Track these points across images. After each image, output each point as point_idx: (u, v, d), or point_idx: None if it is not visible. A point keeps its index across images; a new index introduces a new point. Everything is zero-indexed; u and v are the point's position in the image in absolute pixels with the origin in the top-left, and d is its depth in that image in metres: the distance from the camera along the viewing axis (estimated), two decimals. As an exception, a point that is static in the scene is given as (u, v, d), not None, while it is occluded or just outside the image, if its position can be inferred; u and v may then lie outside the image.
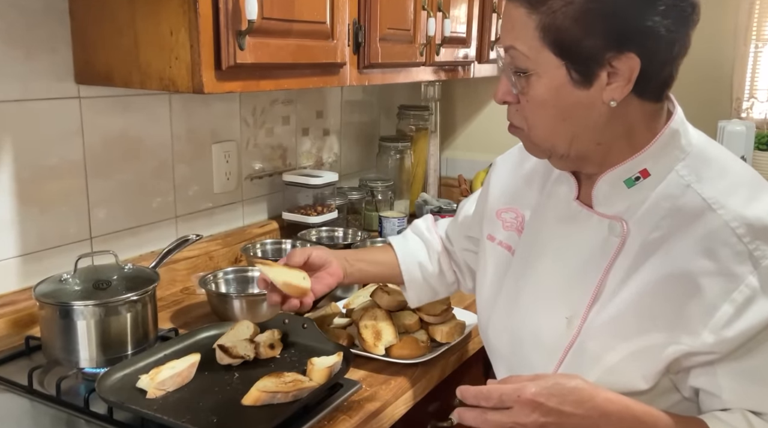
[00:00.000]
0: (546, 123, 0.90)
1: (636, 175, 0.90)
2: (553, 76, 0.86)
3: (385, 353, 1.26)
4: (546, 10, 0.83)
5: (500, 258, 1.09)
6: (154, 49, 1.26)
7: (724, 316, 0.82)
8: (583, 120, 0.88)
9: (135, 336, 1.21)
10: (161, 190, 1.66)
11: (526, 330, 1.00)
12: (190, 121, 1.71)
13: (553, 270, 0.98)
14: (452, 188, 2.54)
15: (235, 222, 1.88)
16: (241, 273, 1.56)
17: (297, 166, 2.07)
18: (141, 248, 1.63)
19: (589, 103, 0.86)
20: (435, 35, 1.83)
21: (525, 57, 0.87)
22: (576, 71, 0.85)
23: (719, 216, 0.84)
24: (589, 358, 0.91)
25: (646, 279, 0.87)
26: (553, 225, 1.00)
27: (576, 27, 0.82)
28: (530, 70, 0.87)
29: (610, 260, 0.91)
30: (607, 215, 0.93)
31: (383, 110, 2.45)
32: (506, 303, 1.05)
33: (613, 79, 0.84)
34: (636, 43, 0.82)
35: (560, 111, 0.88)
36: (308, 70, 1.47)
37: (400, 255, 1.28)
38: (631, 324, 0.88)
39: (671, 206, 0.88)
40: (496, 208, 1.12)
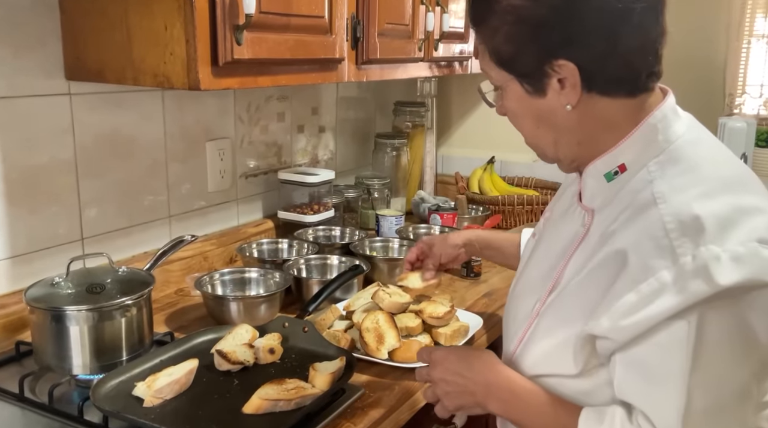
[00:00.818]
0: (528, 131, 0.96)
1: (615, 170, 0.92)
2: (512, 89, 0.92)
3: (388, 357, 1.22)
4: (487, 35, 0.91)
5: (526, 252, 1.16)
6: (148, 44, 1.22)
7: (624, 305, 0.82)
8: (555, 124, 0.92)
9: (130, 342, 1.17)
10: (154, 189, 1.62)
11: (510, 313, 1.07)
12: (184, 118, 1.67)
13: (539, 257, 1.04)
14: (448, 185, 2.51)
15: (229, 222, 1.84)
16: (237, 274, 1.53)
17: (292, 164, 2.03)
18: (134, 249, 1.58)
19: (551, 109, 0.91)
20: (434, 30, 1.80)
21: (491, 77, 0.95)
22: (527, 83, 0.90)
23: (658, 210, 0.84)
24: (536, 340, 0.96)
25: (590, 268, 0.90)
26: (556, 220, 1.06)
27: (509, 46, 0.89)
28: (499, 86, 0.94)
29: (573, 248, 0.95)
30: (584, 207, 0.97)
31: (379, 107, 2.41)
32: (513, 286, 1.12)
33: (564, 84, 0.88)
34: (564, 52, 0.86)
35: (532, 120, 0.93)
36: (306, 66, 1.44)
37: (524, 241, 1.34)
38: (569, 309, 0.91)
39: (630, 200, 0.89)
40: (546, 213, 1.16)
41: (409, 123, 2.32)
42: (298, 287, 1.50)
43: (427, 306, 1.32)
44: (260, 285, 1.51)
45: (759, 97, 3.72)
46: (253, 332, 1.23)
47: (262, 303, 1.39)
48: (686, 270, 0.78)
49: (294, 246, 1.73)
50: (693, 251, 0.79)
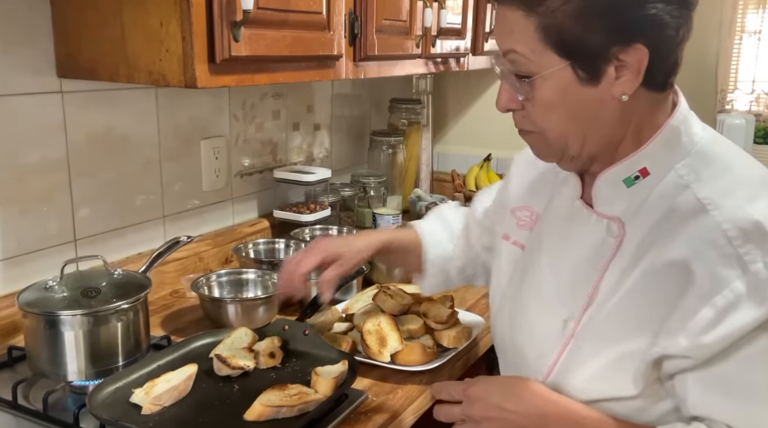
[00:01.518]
0: (557, 125, 0.86)
1: (635, 174, 0.87)
2: (559, 76, 0.82)
3: (391, 360, 1.20)
4: (544, 10, 0.80)
5: (513, 257, 1.06)
6: (143, 41, 1.19)
7: (702, 320, 0.78)
8: (594, 118, 0.85)
9: (126, 347, 1.14)
10: (148, 188, 1.59)
11: (524, 329, 0.98)
12: (178, 116, 1.63)
13: (551, 270, 0.96)
14: (444, 183, 2.49)
15: (224, 221, 1.81)
16: (234, 275, 1.50)
17: (287, 162, 2.00)
18: (128, 250, 1.55)
19: (598, 100, 0.83)
20: (431, 27, 1.78)
21: (527, 60, 0.83)
22: (582, 69, 0.81)
23: (712, 218, 0.80)
24: (580, 361, 0.89)
25: (636, 280, 0.84)
26: (555, 224, 0.98)
27: (577, 25, 0.79)
28: (534, 73, 0.83)
29: (605, 261, 0.88)
30: (606, 215, 0.90)
31: (374, 104, 2.39)
32: (510, 301, 1.03)
33: (621, 73, 0.81)
34: (641, 34, 0.79)
35: (570, 111, 0.85)
36: (304, 63, 1.41)
37: (426, 241, 1.23)
38: (618, 327, 0.85)
39: (668, 207, 0.84)
40: (511, 206, 1.09)
41: (405, 120, 2.30)
42: (297, 288, 1.47)
43: (430, 309, 1.30)
44: (258, 286, 1.48)
45: (751, 93, 3.72)
46: (252, 335, 1.20)
47: (260, 305, 1.36)
48: (761, 278, 0.76)
49: (291, 247, 1.70)
50: (763, 258, 0.76)
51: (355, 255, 1.14)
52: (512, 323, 1.01)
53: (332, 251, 1.13)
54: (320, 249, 1.14)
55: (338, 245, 1.15)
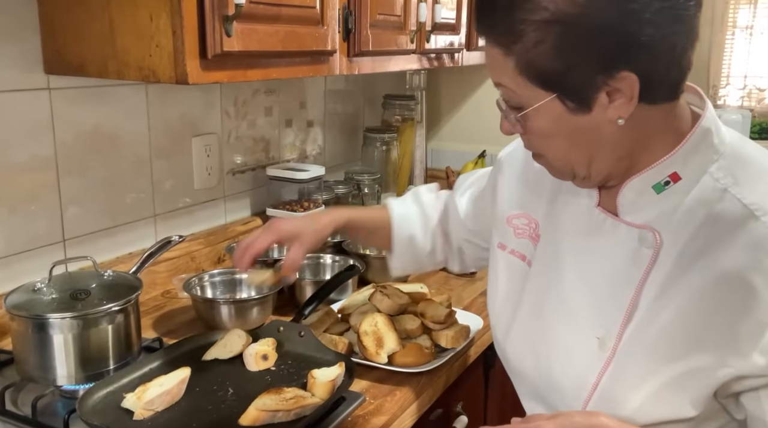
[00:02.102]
0: (557, 152, 0.85)
1: (665, 180, 0.83)
2: (548, 108, 0.80)
3: (388, 361, 1.18)
4: (520, 49, 0.77)
5: (514, 269, 1.01)
6: (132, 35, 1.16)
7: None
8: (595, 142, 0.82)
9: (117, 350, 1.11)
10: (138, 187, 1.55)
11: (553, 352, 0.92)
12: (169, 113, 1.60)
13: (579, 286, 0.90)
14: (438, 180, 2.46)
15: (217, 220, 1.78)
16: (227, 275, 1.47)
17: (280, 160, 1.97)
18: (118, 250, 1.52)
19: (594, 126, 0.80)
20: (426, 22, 1.75)
21: (514, 93, 0.82)
22: (570, 100, 0.79)
23: (764, 224, 0.77)
24: (629, 384, 0.83)
25: (687, 294, 0.80)
26: (574, 237, 0.92)
27: (556, 62, 0.76)
28: (524, 105, 0.81)
29: (643, 274, 0.83)
30: (636, 224, 0.85)
31: (367, 100, 2.36)
32: (528, 322, 0.97)
33: (615, 97, 0.77)
34: (626, 62, 0.75)
35: (567, 139, 0.82)
36: (297, 59, 1.38)
37: (396, 223, 1.20)
38: (675, 345, 0.80)
39: (708, 213, 0.80)
40: (506, 214, 1.04)
41: (398, 116, 2.27)
42: (291, 288, 1.45)
43: (427, 308, 1.28)
44: (251, 286, 1.45)
45: (743, 88, 3.72)
46: (246, 337, 1.18)
47: (254, 306, 1.33)
48: None
49: (285, 246, 1.67)
50: None
51: (313, 234, 1.11)
52: (535, 346, 0.95)
53: (289, 231, 1.11)
54: (275, 230, 1.11)
55: (295, 225, 1.12)
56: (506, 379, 1.64)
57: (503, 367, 1.59)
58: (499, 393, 1.61)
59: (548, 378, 0.93)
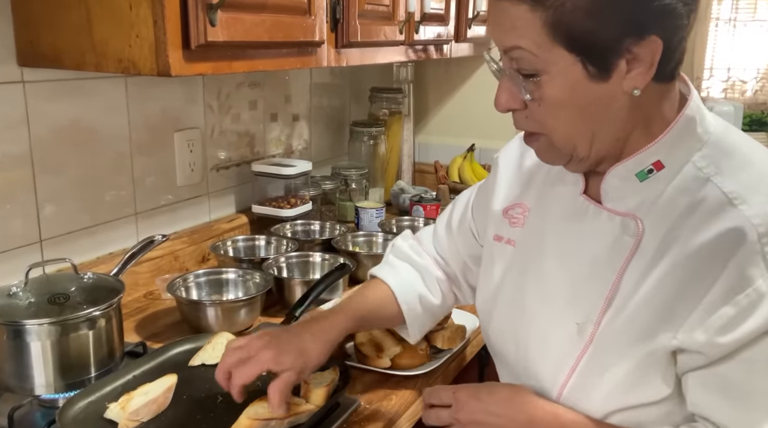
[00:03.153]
0: (565, 125, 0.81)
1: (649, 168, 0.82)
2: (568, 73, 0.77)
3: (391, 365, 1.13)
4: (553, 3, 0.74)
5: (505, 256, 0.99)
6: (111, 25, 1.10)
7: (722, 318, 0.75)
8: (604, 115, 0.79)
9: (98, 356, 1.06)
10: (119, 184, 1.49)
11: (532, 336, 0.92)
12: (149, 107, 1.54)
13: (559, 272, 0.89)
14: (426, 174, 2.43)
15: (200, 218, 1.73)
16: (213, 275, 1.41)
17: (266, 155, 1.92)
18: (98, 250, 1.46)
19: (609, 96, 0.78)
20: (414, 12, 1.71)
21: (533, 57, 0.77)
22: (593, 65, 0.76)
23: (740, 213, 0.76)
24: (604, 367, 0.83)
25: (662, 278, 0.80)
26: (558, 223, 0.91)
27: (589, 19, 0.73)
28: (540, 70, 0.77)
29: (624, 261, 0.83)
30: (619, 212, 0.84)
31: (353, 93, 2.31)
32: (509, 305, 0.96)
33: (633, 66, 0.76)
34: (657, 25, 0.74)
35: (578, 109, 0.79)
36: (284, 50, 1.33)
37: (399, 295, 1.09)
38: (645, 326, 0.81)
39: (689, 201, 0.80)
40: (503, 206, 1.02)
41: (385, 110, 2.22)
42: (280, 288, 1.40)
43: (422, 308, 1.23)
44: (239, 287, 1.40)
45: (726, 81, 3.72)
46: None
47: (242, 307, 1.28)
48: None
49: (272, 244, 1.63)
50: None
51: (312, 367, 0.95)
52: (515, 330, 0.94)
53: (286, 365, 0.91)
54: (267, 361, 0.91)
55: (293, 356, 0.92)
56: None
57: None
58: (494, 392, 1.57)
59: (525, 362, 0.93)
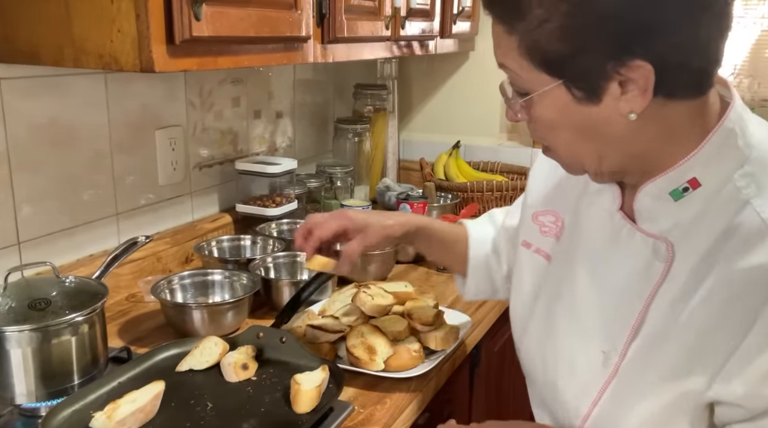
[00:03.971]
0: (564, 144, 0.78)
1: (684, 186, 0.75)
2: (553, 96, 0.73)
3: (384, 367, 1.11)
4: (525, 27, 0.71)
5: (538, 268, 0.95)
6: (91, 19, 1.06)
7: (762, 366, 0.69)
8: (604, 137, 0.74)
9: (82, 363, 1.02)
10: (99, 183, 1.45)
11: (559, 360, 0.88)
12: (130, 104, 1.50)
13: (590, 295, 0.85)
14: (411, 172, 2.41)
15: (183, 218, 1.69)
16: (198, 277, 1.38)
17: (249, 153, 1.88)
18: (78, 252, 1.42)
19: (604, 118, 0.72)
20: (401, 7, 1.68)
21: (518, 76, 0.75)
22: (577, 89, 0.72)
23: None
24: (629, 401, 0.79)
25: (694, 311, 0.74)
26: (592, 240, 0.87)
27: (562, 44, 0.69)
28: (527, 90, 0.75)
29: (652, 289, 0.78)
30: (652, 234, 0.79)
31: (337, 90, 2.28)
32: (540, 324, 0.92)
33: (627, 88, 0.70)
34: (640, 48, 0.67)
35: (574, 131, 0.75)
36: (270, 45, 1.30)
37: (473, 242, 1.13)
38: (676, 364, 0.75)
39: (726, 226, 0.73)
40: (533, 210, 0.98)
41: (370, 107, 2.19)
42: (267, 289, 1.37)
43: (414, 309, 1.21)
44: (225, 289, 1.37)
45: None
46: (223, 345, 1.10)
47: (229, 310, 1.25)
48: None
49: (258, 243, 1.59)
50: None
51: (380, 230, 1.05)
52: (544, 350, 0.91)
53: (358, 221, 1.05)
54: (345, 216, 1.06)
55: (366, 217, 1.06)
56: (491, 378, 1.60)
57: (488, 366, 1.56)
58: (484, 392, 1.56)
59: (553, 387, 0.89)
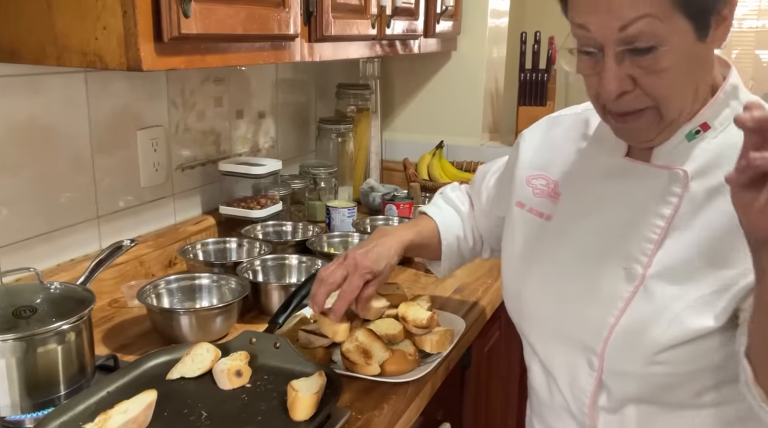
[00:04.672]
0: (678, 90, 0.85)
1: (696, 129, 0.89)
2: (684, 38, 0.81)
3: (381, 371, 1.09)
4: None
5: (532, 225, 1.04)
6: (74, 16, 1.02)
7: None
8: (702, 73, 0.86)
9: (68, 373, 0.98)
10: (79, 185, 1.40)
11: (576, 287, 0.95)
12: (111, 104, 1.45)
13: (603, 222, 0.94)
14: (393, 172, 2.39)
15: (166, 220, 1.65)
16: (186, 281, 1.34)
17: (232, 153, 1.84)
18: (58, 256, 1.37)
19: (705, 54, 0.85)
20: (386, 6, 1.66)
21: (660, 24, 0.79)
22: (700, 27, 0.82)
23: None
24: (656, 308, 0.87)
25: (713, 220, 0.86)
26: (599, 182, 0.97)
27: None
28: (661, 41, 0.80)
29: (673, 207, 0.89)
30: (667, 166, 0.90)
31: (319, 89, 2.25)
32: (548, 265, 0.99)
33: (719, 23, 0.83)
34: None
35: (689, 73, 0.84)
36: (258, 44, 1.27)
37: (442, 229, 1.25)
38: (701, 268, 0.85)
39: (735, 153, 0.78)
40: (526, 174, 1.08)
41: (353, 106, 2.17)
42: (256, 293, 1.33)
43: (407, 311, 1.19)
44: (213, 293, 1.33)
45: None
46: (215, 351, 1.07)
47: (218, 315, 1.22)
48: None
49: (244, 246, 1.56)
50: None
51: (389, 270, 1.14)
52: (558, 288, 0.97)
53: (368, 267, 1.10)
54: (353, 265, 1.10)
55: (374, 259, 1.11)
56: (481, 379, 1.59)
57: (478, 367, 1.54)
58: (474, 393, 1.55)
59: (570, 312, 0.95)
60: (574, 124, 1.06)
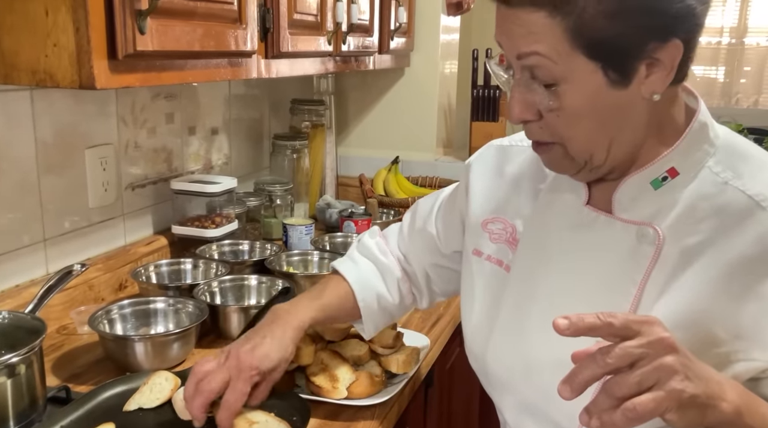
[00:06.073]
0: (584, 134, 0.78)
1: (663, 175, 0.80)
2: (588, 81, 0.74)
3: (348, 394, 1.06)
4: (573, 9, 0.72)
5: (491, 276, 0.94)
6: (23, 33, 0.98)
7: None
8: (622, 122, 0.78)
9: (19, 407, 0.93)
10: (24, 207, 1.34)
11: (545, 356, 0.84)
12: (58, 121, 1.40)
13: (572, 286, 0.85)
14: (349, 188, 2.37)
15: (116, 242, 1.59)
16: (140, 305, 1.28)
17: (184, 171, 1.80)
18: (3, 282, 1.30)
19: (628, 102, 0.76)
20: (342, 22, 1.65)
21: (552, 64, 0.74)
22: (614, 71, 0.74)
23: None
24: None
25: (694, 288, 0.78)
26: (562, 236, 0.87)
27: (612, 24, 0.72)
28: (559, 79, 0.75)
29: (645, 272, 0.80)
30: (634, 221, 0.82)
31: (272, 105, 2.22)
32: (511, 328, 0.89)
33: (652, 70, 0.74)
34: (679, 28, 0.73)
35: (599, 118, 0.77)
36: (214, 60, 1.24)
37: (358, 291, 1.07)
38: (685, 341, 0.75)
39: (710, 207, 0.79)
40: (481, 218, 0.97)
41: (307, 122, 2.15)
42: (214, 316, 1.29)
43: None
44: (169, 317, 1.28)
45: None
46: (174, 380, 1.03)
47: (175, 341, 1.17)
48: None
49: (199, 267, 1.51)
50: None
51: (285, 363, 0.96)
52: (525, 354, 0.87)
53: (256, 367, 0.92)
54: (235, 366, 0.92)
55: (263, 356, 0.93)
56: (443, 397, 1.58)
57: (441, 385, 1.53)
58: (437, 411, 1.54)
59: (540, 382, 0.85)
60: (529, 160, 0.95)
